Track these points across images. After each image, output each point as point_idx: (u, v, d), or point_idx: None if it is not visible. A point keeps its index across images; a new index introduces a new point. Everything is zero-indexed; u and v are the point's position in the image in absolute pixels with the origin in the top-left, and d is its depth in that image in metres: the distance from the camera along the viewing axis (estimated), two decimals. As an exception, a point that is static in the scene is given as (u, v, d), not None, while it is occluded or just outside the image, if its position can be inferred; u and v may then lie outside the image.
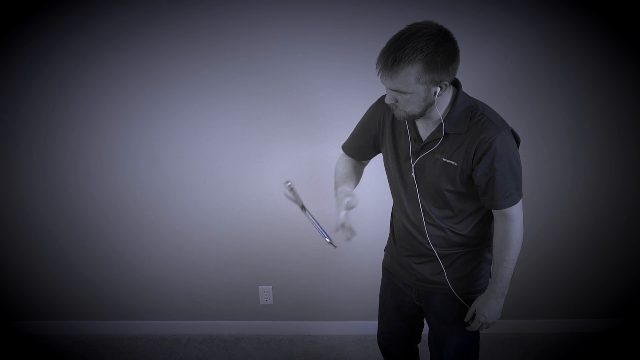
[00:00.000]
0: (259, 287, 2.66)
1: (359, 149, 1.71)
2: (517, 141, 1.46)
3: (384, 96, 1.57)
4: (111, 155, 2.46)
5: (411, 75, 1.29)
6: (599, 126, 2.31)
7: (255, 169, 2.45)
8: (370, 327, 2.67)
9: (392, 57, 1.29)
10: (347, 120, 2.33)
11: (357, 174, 1.73)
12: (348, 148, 1.75)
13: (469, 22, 2.15)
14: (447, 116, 1.42)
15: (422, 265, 1.62)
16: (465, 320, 1.61)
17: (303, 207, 1.63)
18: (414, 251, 1.62)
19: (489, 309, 1.54)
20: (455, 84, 1.46)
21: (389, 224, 1.79)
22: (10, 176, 2.52)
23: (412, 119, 1.45)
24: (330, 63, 2.26)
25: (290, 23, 2.21)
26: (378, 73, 1.35)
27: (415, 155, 1.50)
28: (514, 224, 1.48)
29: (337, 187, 1.65)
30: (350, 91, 2.30)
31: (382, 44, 1.63)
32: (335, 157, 1.84)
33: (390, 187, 1.68)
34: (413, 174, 1.51)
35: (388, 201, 1.78)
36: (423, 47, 1.27)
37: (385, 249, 1.83)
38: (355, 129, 1.73)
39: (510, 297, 1.66)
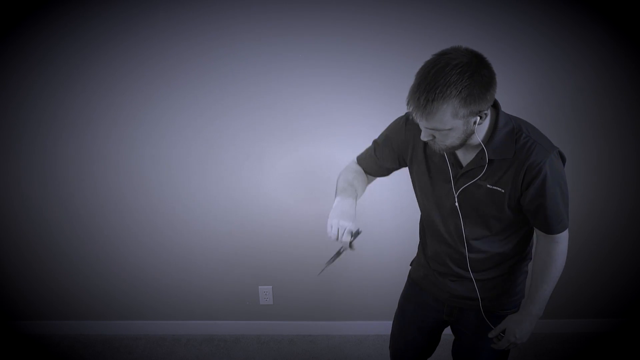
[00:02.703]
0: (259, 287, 2.66)
1: (379, 167, 1.57)
2: (563, 161, 1.38)
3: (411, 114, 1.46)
4: (112, 155, 2.46)
5: (447, 113, 1.19)
6: (599, 126, 2.30)
7: (255, 170, 2.45)
8: (370, 327, 2.67)
9: (425, 97, 1.17)
10: (345, 119, 2.34)
11: (363, 184, 1.56)
12: (366, 164, 1.59)
13: (466, 21, 2.15)
14: (489, 141, 1.32)
15: (457, 282, 1.56)
16: (490, 336, 1.54)
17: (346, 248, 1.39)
18: (449, 271, 1.56)
19: (522, 329, 1.47)
20: (494, 104, 1.35)
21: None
22: (11, 175, 2.52)
23: (452, 150, 1.34)
24: (328, 62, 2.26)
25: (287, 23, 2.21)
26: (411, 115, 1.24)
27: (456, 180, 1.40)
28: (559, 246, 1.43)
29: (340, 195, 1.46)
30: (348, 90, 2.29)
31: (380, 43, 1.59)
32: (332, 157, 1.79)
33: (420, 206, 1.59)
34: (457, 204, 1.42)
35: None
36: (457, 80, 1.15)
37: (414, 263, 1.74)
38: (375, 144, 1.56)
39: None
